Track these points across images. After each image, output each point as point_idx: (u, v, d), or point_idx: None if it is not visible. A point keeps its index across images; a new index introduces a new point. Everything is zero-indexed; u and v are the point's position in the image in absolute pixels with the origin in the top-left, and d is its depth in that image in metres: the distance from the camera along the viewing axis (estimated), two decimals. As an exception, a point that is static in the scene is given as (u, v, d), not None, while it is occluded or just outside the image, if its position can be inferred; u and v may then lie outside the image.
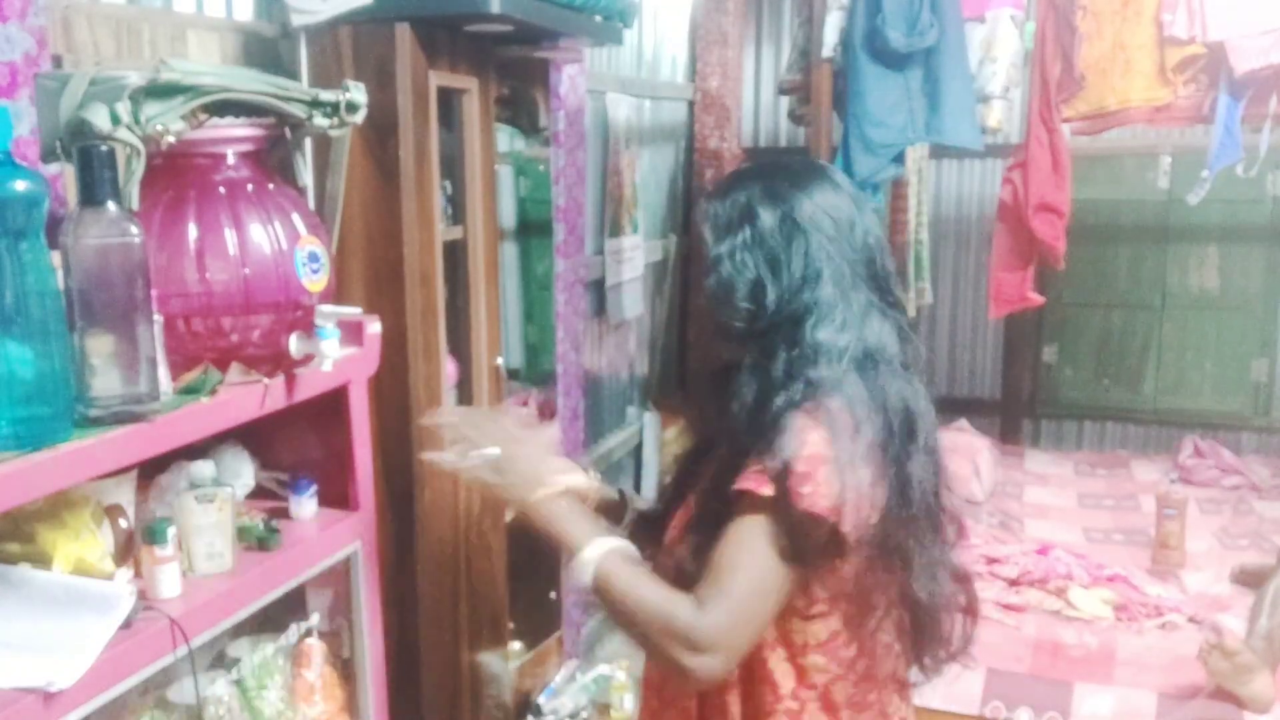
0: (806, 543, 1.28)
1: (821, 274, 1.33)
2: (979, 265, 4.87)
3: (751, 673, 1.40)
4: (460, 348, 2.34)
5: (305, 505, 1.76)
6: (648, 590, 1.30)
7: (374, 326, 1.83)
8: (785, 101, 4.07)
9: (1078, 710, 2.76)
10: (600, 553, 1.32)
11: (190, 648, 1.38)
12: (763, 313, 1.34)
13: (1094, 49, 3.33)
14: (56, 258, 1.26)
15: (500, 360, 2.44)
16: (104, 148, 1.31)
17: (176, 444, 1.41)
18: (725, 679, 1.38)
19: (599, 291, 3.74)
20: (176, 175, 1.54)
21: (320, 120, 1.63)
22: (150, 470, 1.54)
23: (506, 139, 2.74)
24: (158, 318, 1.38)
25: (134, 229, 1.30)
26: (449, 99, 2.22)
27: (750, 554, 1.28)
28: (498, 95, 2.43)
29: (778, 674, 1.39)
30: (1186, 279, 4.75)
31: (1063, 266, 3.71)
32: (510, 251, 2.89)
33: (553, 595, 2.96)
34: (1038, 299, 3.74)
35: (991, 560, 3.21)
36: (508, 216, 2.84)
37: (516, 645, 2.66)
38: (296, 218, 1.60)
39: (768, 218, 1.35)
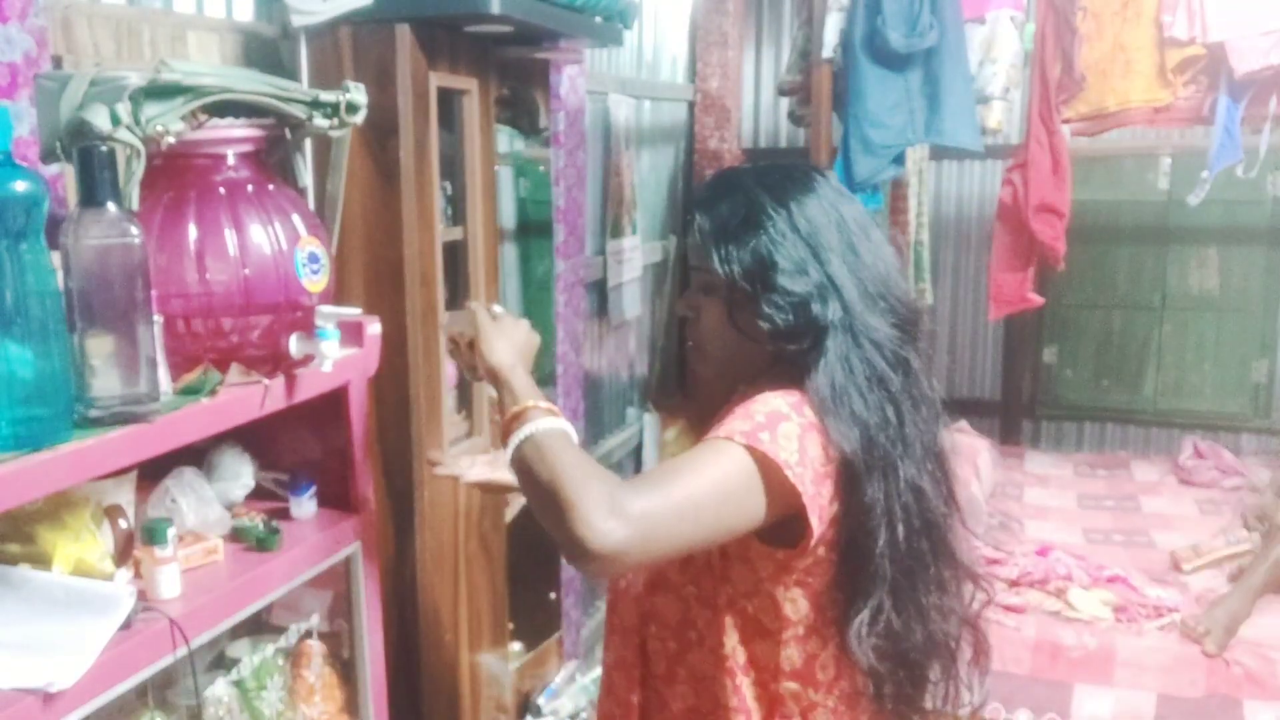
0: (767, 497, 1.21)
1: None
2: (979, 266, 4.86)
3: (718, 702, 1.31)
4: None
5: (305, 505, 1.76)
6: (584, 456, 1.19)
7: (374, 327, 1.83)
8: (785, 102, 4.07)
9: (1077, 712, 2.76)
10: (551, 420, 1.22)
11: (190, 648, 1.38)
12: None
13: (1094, 50, 3.34)
14: (56, 258, 1.26)
15: (500, 361, 2.43)
16: (104, 148, 1.31)
17: (176, 444, 1.41)
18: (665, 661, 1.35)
19: (600, 292, 3.74)
20: (176, 176, 1.54)
21: (320, 121, 1.63)
22: (150, 470, 1.55)
23: (506, 140, 2.75)
24: (158, 318, 1.38)
25: (134, 229, 1.30)
26: (449, 99, 2.22)
27: (697, 473, 1.19)
28: (498, 96, 2.43)
29: (749, 702, 1.31)
30: (1186, 280, 4.75)
31: (1063, 267, 3.71)
32: (510, 252, 2.89)
33: (553, 595, 2.96)
34: (1037, 300, 3.74)
35: (991, 561, 3.21)
36: (508, 217, 2.84)
37: (516, 645, 2.66)
38: (296, 218, 1.60)
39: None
